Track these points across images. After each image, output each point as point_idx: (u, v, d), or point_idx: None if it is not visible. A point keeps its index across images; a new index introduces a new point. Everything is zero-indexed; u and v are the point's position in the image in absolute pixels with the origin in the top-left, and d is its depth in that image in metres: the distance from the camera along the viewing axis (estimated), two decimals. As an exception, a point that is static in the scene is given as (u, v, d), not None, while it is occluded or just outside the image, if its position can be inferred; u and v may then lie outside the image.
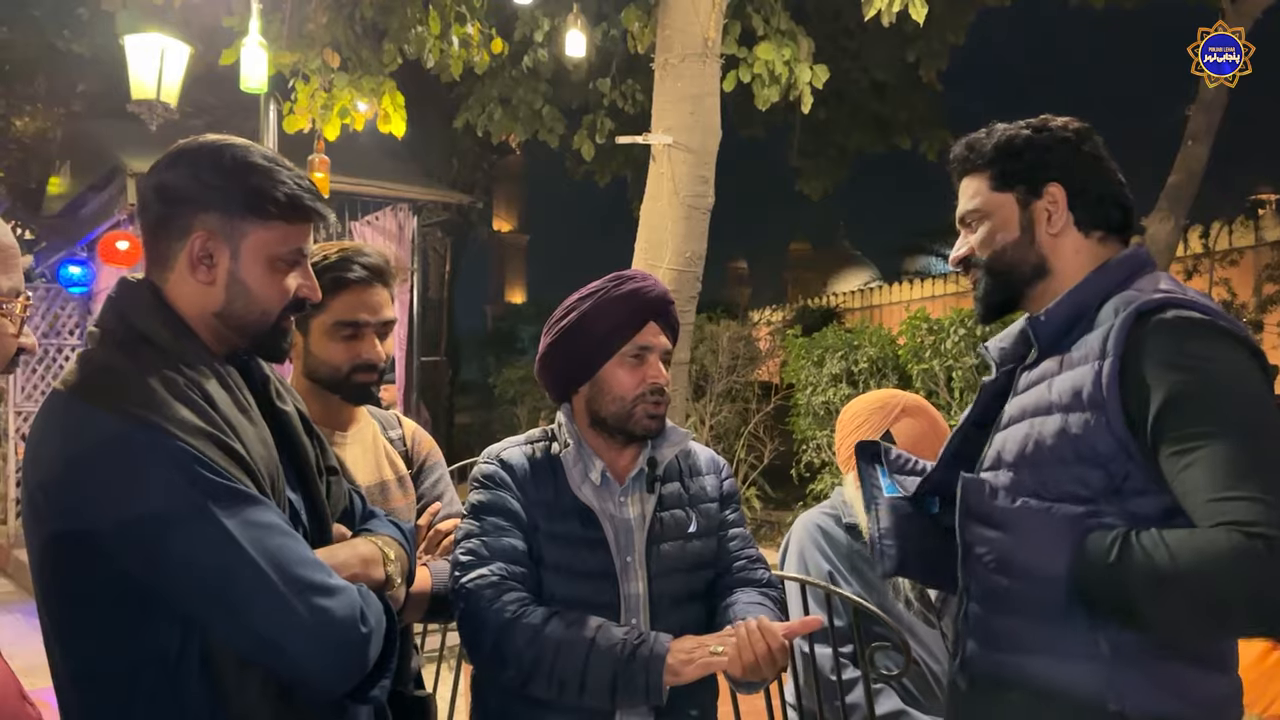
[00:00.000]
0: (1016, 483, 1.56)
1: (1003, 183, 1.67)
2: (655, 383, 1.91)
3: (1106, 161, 1.67)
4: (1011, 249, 1.67)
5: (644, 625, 1.86)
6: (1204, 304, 1.49)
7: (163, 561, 1.30)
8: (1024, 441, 1.56)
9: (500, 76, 8.79)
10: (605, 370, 1.92)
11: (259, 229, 1.47)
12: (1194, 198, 8.55)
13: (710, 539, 2.02)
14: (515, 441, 2.03)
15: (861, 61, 10.79)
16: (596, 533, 1.88)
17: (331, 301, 1.93)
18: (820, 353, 8.13)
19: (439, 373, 12.90)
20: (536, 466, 1.94)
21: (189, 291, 1.46)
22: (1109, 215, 1.65)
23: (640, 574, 1.89)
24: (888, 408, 2.73)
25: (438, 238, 13.39)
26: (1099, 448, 1.46)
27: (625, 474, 1.96)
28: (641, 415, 1.90)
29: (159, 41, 6.13)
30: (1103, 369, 1.46)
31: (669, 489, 1.99)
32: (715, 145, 5.64)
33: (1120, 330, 1.46)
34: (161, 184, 1.46)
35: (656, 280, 2.00)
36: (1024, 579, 1.48)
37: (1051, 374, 1.57)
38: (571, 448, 1.94)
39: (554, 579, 1.86)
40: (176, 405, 1.33)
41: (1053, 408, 1.53)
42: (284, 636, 1.33)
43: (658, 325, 1.94)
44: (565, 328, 1.94)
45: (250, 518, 1.33)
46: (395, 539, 1.68)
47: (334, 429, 2.06)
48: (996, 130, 1.70)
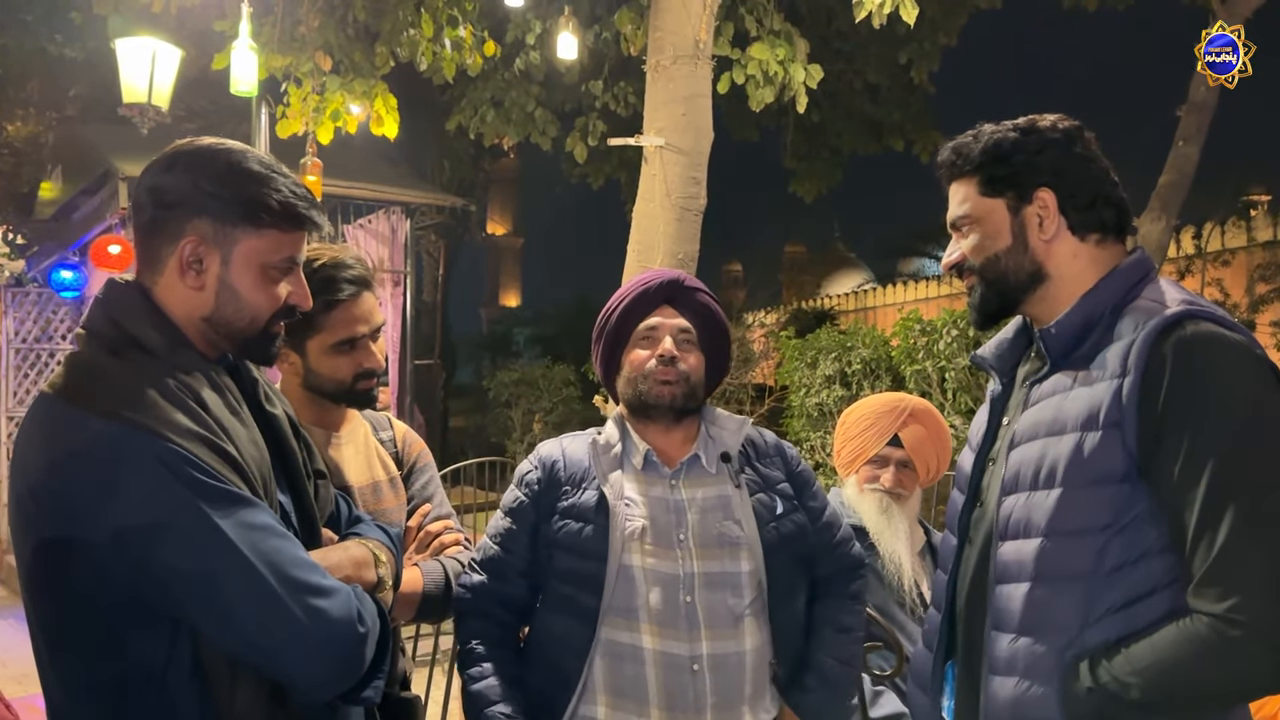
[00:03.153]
0: (1030, 507, 1.53)
1: (991, 188, 1.63)
2: (664, 353, 2.01)
3: (1098, 162, 1.63)
4: (1005, 256, 1.63)
5: (698, 599, 1.90)
6: (1219, 315, 1.47)
7: (156, 565, 1.29)
8: (1038, 462, 1.53)
9: (493, 79, 8.78)
10: (626, 356, 2.08)
11: (252, 236, 1.46)
12: (1185, 198, 8.57)
13: (797, 516, 2.06)
14: (568, 436, 2.17)
15: (855, 63, 10.78)
16: (605, 520, 1.94)
17: (325, 321, 1.95)
18: (814, 354, 8.12)
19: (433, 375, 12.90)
20: (573, 455, 2.07)
21: (178, 295, 1.45)
22: (1103, 217, 1.61)
23: (696, 554, 1.93)
24: (896, 411, 2.72)
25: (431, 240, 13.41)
26: (1113, 469, 1.44)
27: (676, 458, 2.03)
28: (651, 385, 2.01)
29: (150, 45, 6.10)
30: (1123, 387, 1.44)
31: (747, 476, 2.06)
32: (707, 147, 5.63)
33: (1142, 347, 1.43)
34: (156, 186, 1.45)
35: (663, 272, 2.14)
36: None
37: (1064, 389, 1.54)
38: (611, 435, 2.08)
39: (561, 555, 1.96)
40: (167, 407, 1.33)
41: (1067, 426, 1.50)
42: (281, 638, 1.33)
43: (672, 308, 2.07)
44: (599, 324, 2.14)
45: (244, 519, 1.32)
46: (384, 543, 1.68)
47: (328, 430, 2.08)
48: (984, 133, 1.66)
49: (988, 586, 1.58)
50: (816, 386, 8.00)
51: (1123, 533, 1.44)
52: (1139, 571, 1.44)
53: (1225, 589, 1.34)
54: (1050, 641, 1.48)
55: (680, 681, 1.86)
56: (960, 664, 1.66)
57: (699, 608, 1.89)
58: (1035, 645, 1.49)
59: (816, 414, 7.90)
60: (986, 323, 1.70)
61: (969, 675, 1.62)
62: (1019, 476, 1.56)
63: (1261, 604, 1.33)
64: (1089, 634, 1.45)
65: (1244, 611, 1.32)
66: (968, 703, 1.62)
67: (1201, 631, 1.35)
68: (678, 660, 1.87)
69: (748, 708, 1.91)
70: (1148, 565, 1.43)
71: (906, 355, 7.15)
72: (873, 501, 2.68)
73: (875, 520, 2.66)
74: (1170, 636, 1.39)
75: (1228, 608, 1.33)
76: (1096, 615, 1.45)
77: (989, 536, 1.60)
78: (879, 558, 2.63)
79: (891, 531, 2.63)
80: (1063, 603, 1.47)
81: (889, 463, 2.69)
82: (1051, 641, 1.48)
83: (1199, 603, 1.37)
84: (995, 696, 1.54)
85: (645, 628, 1.88)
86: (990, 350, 1.74)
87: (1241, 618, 1.32)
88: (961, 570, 1.68)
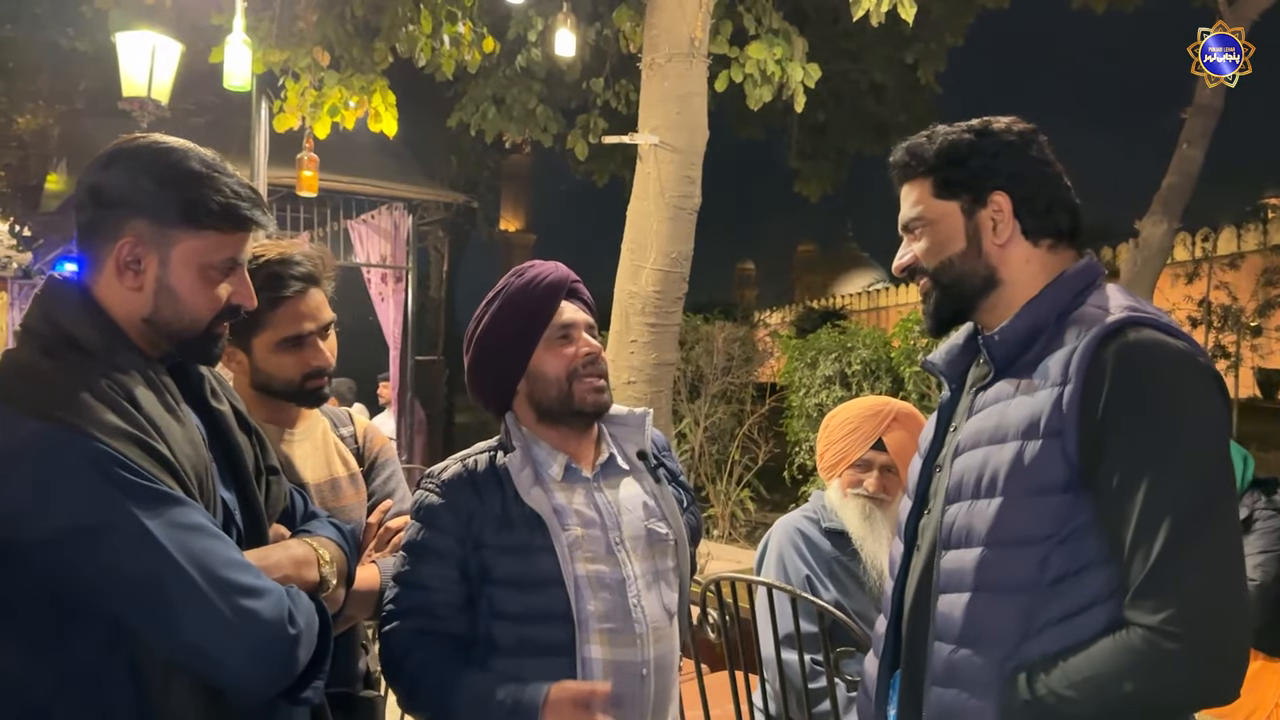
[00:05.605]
0: (973, 515, 1.50)
1: (946, 191, 1.60)
2: (588, 352, 1.88)
3: (1053, 165, 1.60)
4: (959, 260, 1.60)
5: (642, 602, 1.83)
6: (1164, 322, 1.44)
7: (84, 566, 1.28)
8: (980, 470, 1.50)
9: (494, 76, 8.78)
10: (535, 360, 1.88)
11: (191, 237, 1.44)
12: (1188, 201, 8.51)
13: (694, 508, 2.08)
14: (456, 459, 1.96)
15: (860, 63, 10.75)
16: (545, 539, 1.80)
17: (270, 318, 1.93)
18: (814, 354, 8.10)
19: (435, 372, 12.90)
20: (480, 479, 1.87)
21: (117, 295, 1.44)
22: (1058, 222, 1.58)
23: (633, 555, 1.86)
24: (880, 415, 2.70)
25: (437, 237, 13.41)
26: (1054, 479, 1.42)
27: (594, 462, 1.93)
28: (583, 390, 1.87)
29: (150, 39, 6.11)
30: (1064, 395, 1.42)
31: (660, 470, 2.01)
32: (702, 145, 5.62)
33: (1083, 355, 1.41)
34: (95, 184, 1.43)
35: (557, 264, 1.96)
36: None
37: (1007, 396, 1.52)
38: (517, 452, 1.88)
39: (504, 593, 1.80)
40: (97, 406, 1.31)
41: (1009, 434, 1.48)
42: (209, 639, 1.32)
43: (572, 303, 1.92)
44: (482, 332, 1.91)
45: (173, 519, 1.31)
46: (333, 540, 1.66)
47: (282, 426, 2.06)
48: (938, 134, 1.63)
49: (932, 595, 1.55)
50: (816, 387, 7.98)
51: (1064, 544, 1.41)
52: (1081, 583, 1.41)
53: (1161, 601, 1.32)
54: (989, 653, 1.45)
55: (631, 690, 1.80)
56: (904, 673, 1.64)
57: (644, 610, 1.84)
58: (975, 656, 1.46)
59: (816, 415, 7.88)
60: (940, 329, 1.68)
61: (912, 685, 1.60)
62: (962, 484, 1.53)
63: (1197, 616, 1.31)
64: (1029, 646, 1.43)
65: (1179, 624, 1.30)
66: (910, 713, 1.60)
67: (1137, 644, 1.33)
68: (629, 667, 1.80)
69: (672, 709, 1.90)
70: (1090, 577, 1.41)
71: (906, 356, 7.12)
72: (856, 507, 2.66)
73: (858, 525, 2.64)
74: (1107, 649, 1.37)
75: (1163, 619, 1.31)
76: (1037, 627, 1.43)
77: (934, 544, 1.58)
78: (861, 563, 2.61)
79: (874, 537, 2.61)
80: (1003, 614, 1.45)
81: (872, 467, 2.67)
82: (991, 653, 1.45)
83: (1135, 614, 1.35)
84: (935, 707, 1.52)
85: (595, 637, 1.79)
86: (941, 356, 1.72)
87: (1177, 630, 1.30)
88: (909, 578, 1.66)
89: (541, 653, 1.77)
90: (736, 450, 8.98)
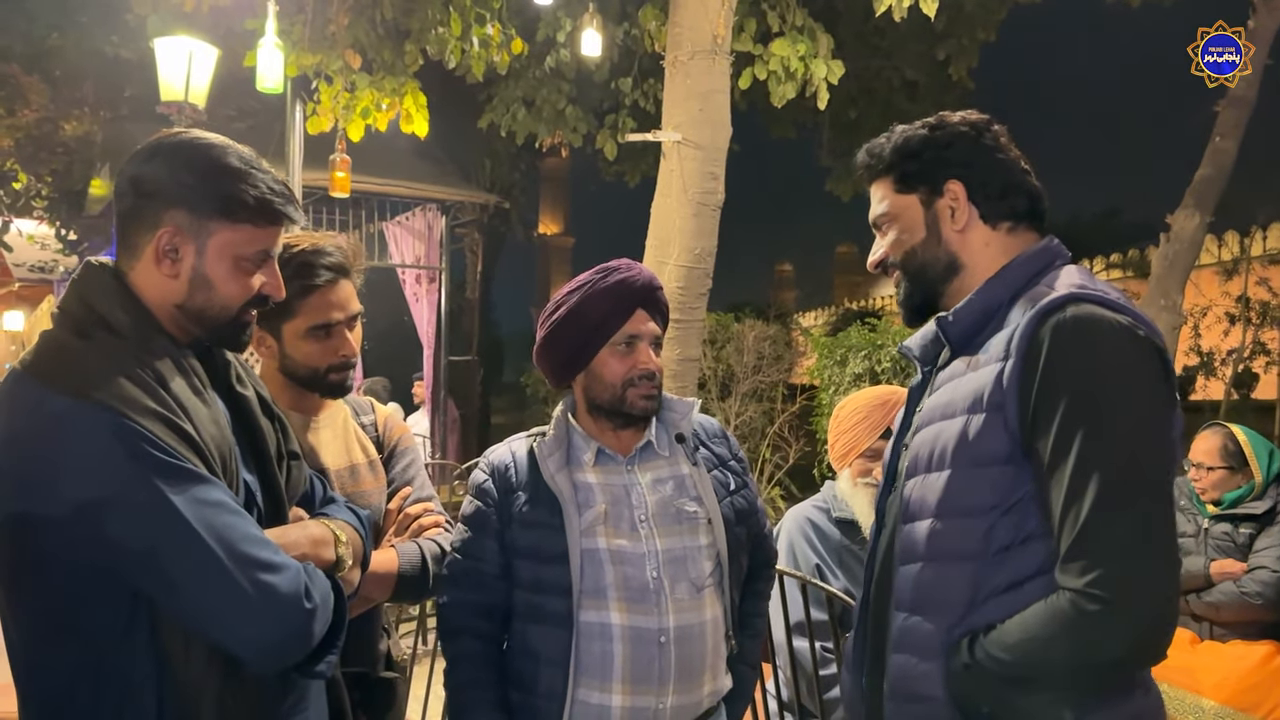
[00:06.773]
0: (925, 488, 1.56)
1: (905, 185, 1.69)
2: (645, 368, 1.99)
3: (1007, 151, 1.67)
4: (920, 249, 1.69)
5: (663, 574, 1.94)
6: (1109, 298, 1.48)
7: (110, 538, 1.33)
8: (932, 444, 1.57)
9: (524, 77, 8.84)
10: (598, 359, 2.02)
11: (226, 229, 1.50)
12: (1221, 194, 8.38)
13: (747, 493, 2.15)
14: (505, 442, 2.14)
15: (893, 60, 10.69)
16: (559, 519, 1.95)
17: (300, 306, 2.00)
18: (843, 352, 8.08)
19: (470, 372, 12.98)
20: (518, 461, 2.06)
21: (153, 281, 1.50)
22: (1015, 205, 1.65)
23: (657, 531, 1.97)
24: (889, 404, 2.73)
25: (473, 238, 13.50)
26: (996, 451, 1.47)
27: (630, 448, 2.05)
28: (635, 398, 1.99)
29: (187, 44, 6.22)
30: (1004, 370, 1.47)
31: (703, 454, 2.10)
32: (725, 142, 5.63)
33: (1024, 330, 1.47)
34: (137, 176, 1.50)
35: (643, 268, 2.07)
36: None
37: (959, 374, 1.58)
38: (550, 437, 2.04)
39: (523, 564, 1.98)
40: (126, 385, 1.37)
41: (957, 410, 1.54)
42: (228, 611, 1.37)
43: (645, 313, 2.03)
44: (558, 320, 2.03)
45: (197, 495, 1.36)
46: (350, 523, 1.71)
47: (307, 414, 2.13)
48: (896, 133, 1.72)
49: (894, 567, 1.62)
50: (845, 385, 7.96)
51: (1008, 514, 1.46)
52: (1025, 553, 1.46)
53: (1087, 563, 1.36)
54: (938, 620, 1.51)
55: (648, 655, 1.90)
56: (870, 642, 1.70)
57: (665, 582, 1.94)
58: (924, 623, 1.53)
59: (845, 412, 7.83)
60: (914, 318, 1.75)
61: (875, 653, 1.67)
62: (917, 459, 1.60)
63: (1121, 577, 1.34)
64: (977, 614, 1.48)
65: (1104, 586, 1.34)
66: (875, 679, 1.66)
67: (1064, 607, 1.38)
68: (646, 634, 1.91)
69: (708, 677, 1.97)
70: (1034, 546, 1.45)
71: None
72: (865, 495, 2.69)
73: (867, 514, 2.66)
74: (1039, 612, 1.41)
75: (1088, 582, 1.35)
76: (984, 595, 1.48)
77: (897, 519, 1.64)
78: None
79: (882, 526, 2.64)
80: (950, 582, 1.50)
81: (881, 456, 2.70)
82: (939, 620, 1.51)
83: (1063, 578, 1.39)
84: (893, 673, 1.58)
85: (614, 605, 1.91)
86: (915, 341, 1.78)
87: (1102, 592, 1.34)
88: (878, 553, 1.72)
89: (544, 620, 1.94)
90: (767, 449, 8.98)
